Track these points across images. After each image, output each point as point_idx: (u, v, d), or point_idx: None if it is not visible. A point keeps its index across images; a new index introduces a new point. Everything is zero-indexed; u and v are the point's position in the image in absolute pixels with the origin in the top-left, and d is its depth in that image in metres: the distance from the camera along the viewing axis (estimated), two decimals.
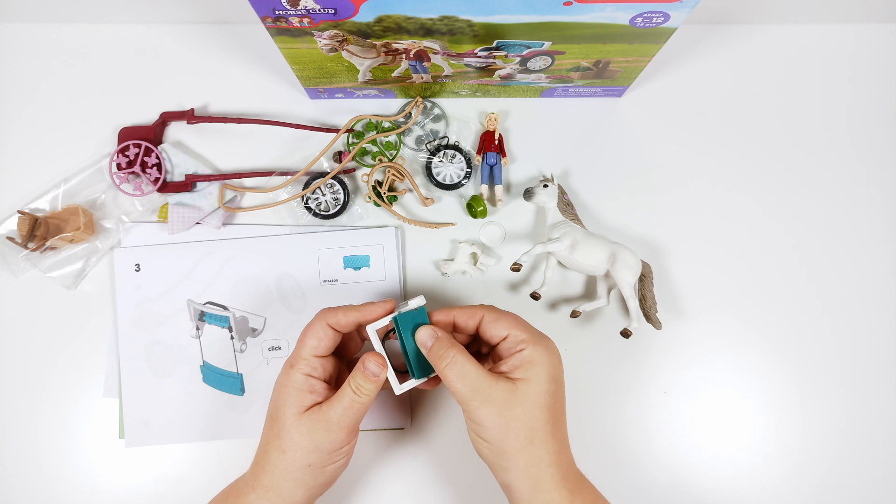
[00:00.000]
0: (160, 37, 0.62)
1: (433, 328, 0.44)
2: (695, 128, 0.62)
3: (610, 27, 0.46)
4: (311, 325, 0.45)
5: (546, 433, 0.42)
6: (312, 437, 0.43)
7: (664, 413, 0.57)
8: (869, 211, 0.60)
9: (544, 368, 0.42)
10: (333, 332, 0.45)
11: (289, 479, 0.43)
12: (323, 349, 0.45)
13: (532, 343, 0.43)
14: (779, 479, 0.56)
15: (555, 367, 0.43)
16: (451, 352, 0.42)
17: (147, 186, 0.57)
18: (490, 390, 0.41)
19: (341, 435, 0.43)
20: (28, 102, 0.61)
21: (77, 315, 0.57)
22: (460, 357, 0.42)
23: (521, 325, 0.44)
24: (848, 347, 0.58)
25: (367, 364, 0.44)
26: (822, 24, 0.64)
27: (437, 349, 0.43)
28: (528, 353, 0.42)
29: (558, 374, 0.44)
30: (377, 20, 0.45)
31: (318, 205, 0.58)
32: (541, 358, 0.42)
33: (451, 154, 0.59)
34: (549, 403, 0.42)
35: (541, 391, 0.42)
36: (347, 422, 0.43)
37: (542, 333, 0.45)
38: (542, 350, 0.43)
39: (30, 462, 0.55)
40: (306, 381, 0.44)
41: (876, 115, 0.62)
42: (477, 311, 0.45)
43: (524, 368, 0.42)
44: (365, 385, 0.43)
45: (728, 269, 0.59)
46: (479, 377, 0.41)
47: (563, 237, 0.54)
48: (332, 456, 0.44)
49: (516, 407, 0.41)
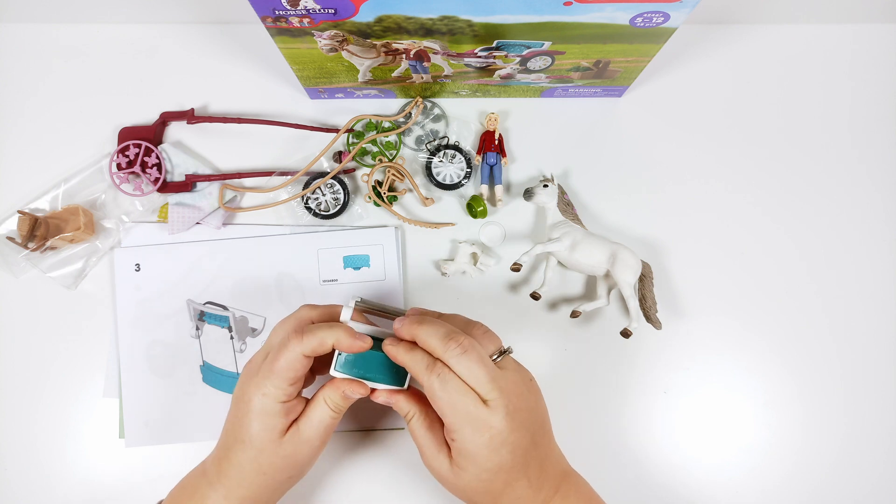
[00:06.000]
0: (160, 37, 0.62)
1: (388, 393, 0.44)
2: (695, 128, 0.62)
3: (610, 27, 0.46)
4: (285, 354, 0.41)
5: (504, 487, 0.40)
6: (295, 459, 0.44)
7: (664, 413, 0.57)
8: (869, 211, 0.60)
9: (476, 463, 0.40)
10: (308, 360, 0.42)
11: (268, 492, 0.44)
12: (298, 378, 0.43)
13: (461, 434, 0.39)
14: (779, 479, 0.56)
15: (494, 452, 0.39)
16: (410, 413, 0.43)
17: (147, 186, 0.57)
18: (433, 461, 0.42)
19: (319, 446, 0.45)
20: (28, 102, 0.61)
21: (77, 315, 0.57)
22: (415, 420, 0.43)
23: (455, 403, 0.39)
24: (848, 347, 0.58)
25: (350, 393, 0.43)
26: (822, 24, 0.64)
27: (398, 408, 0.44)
28: (458, 446, 0.40)
29: (509, 447, 0.40)
30: (377, 20, 0.45)
31: (318, 205, 0.58)
32: (474, 450, 0.39)
33: (451, 154, 0.59)
34: (485, 484, 0.40)
35: (474, 479, 0.40)
36: (325, 435, 0.44)
37: (496, 389, 0.40)
38: (477, 440, 0.39)
39: (30, 462, 0.55)
40: (281, 407, 0.42)
41: (876, 115, 0.62)
42: (419, 376, 0.41)
43: (460, 458, 0.40)
44: (342, 404, 0.44)
45: (728, 269, 0.59)
46: (426, 446, 0.43)
47: (563, 237, 0.54)
48: (309, 465, 0.46)
49: (461, 485, 0.41)
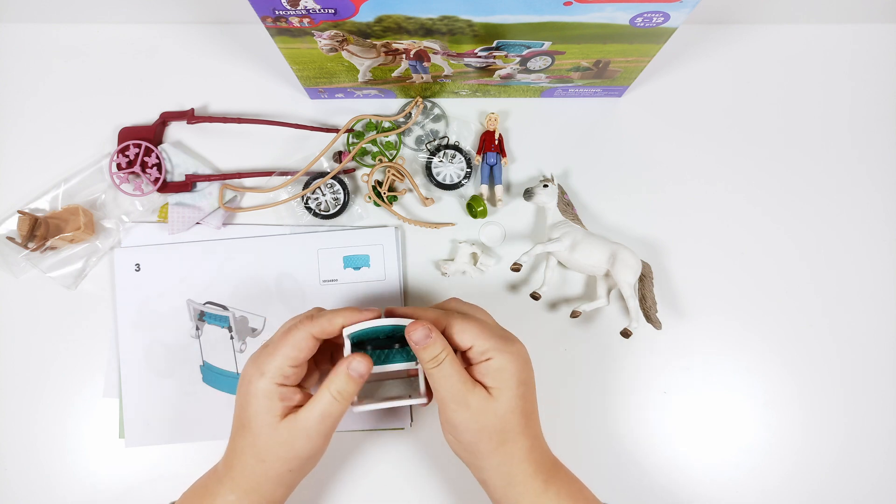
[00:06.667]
0: (160, 37, 0.62)
1: (428, 326, 0.43)
2: (695, 127, 0.62)
3: (610, 27, 0.46)
4: (292, 334, 0.43)
5: (517, 433, 0.43)
6: (292, 447, 0.43)
7: (664, 413, 0.57)
8: (869, 211, 0.60)
9: (513, 375, 0.43)
10: (315, 342, 0.44)
11: (270, 483, 0.44)
12: (301, 360, 0.43)
13: (498, 351, 0.43)
14: (779, 479, 0.56)
15: (522, 370, 0.44)
16: (444, 353, 0.43)
17: (147, 186, 0.57)
18: (468, 396, 0.42)
19: (320, 441, 0.43)
20: (28, 102, 0.61)
21: (77, 315, 0.57)
22: (449, 359, 0.43)
23: (485, 332, 0.44)
24: (848, 347, 0.58)
25: (354, 364, 0.42)
26: (822, 24, 0.64)
27: (432, 348, 0.43)
28: (496, 363, 0.43)
29: (526, 376, 0.45)
30: (377, 20, 0.45)
31: (318, 205, 0.58)
32: (508, 366, 0.43)
33: (451, 154, 0.59)
34: (520, 406, 0.43)
35: (512, 396, 0.43)
36: (326, 428, 0.43)
37: (507, 337, 0.45)
38: (509, 357, 0.43)
39: (30, 462, 0.55)
40: (277, 389, 0.43)
41: (876, 115, 0.62)
42: (443, 318, 0.45)
43: (493, 377, 0.43)
44: (347, 388, 0.42)
45: (728, 269, 0.59)
46: (461, 382, 0.42)
47: (563, 237, 0.54)
48: (313, 460, 0.45)
49: (490, 413, 0.43)
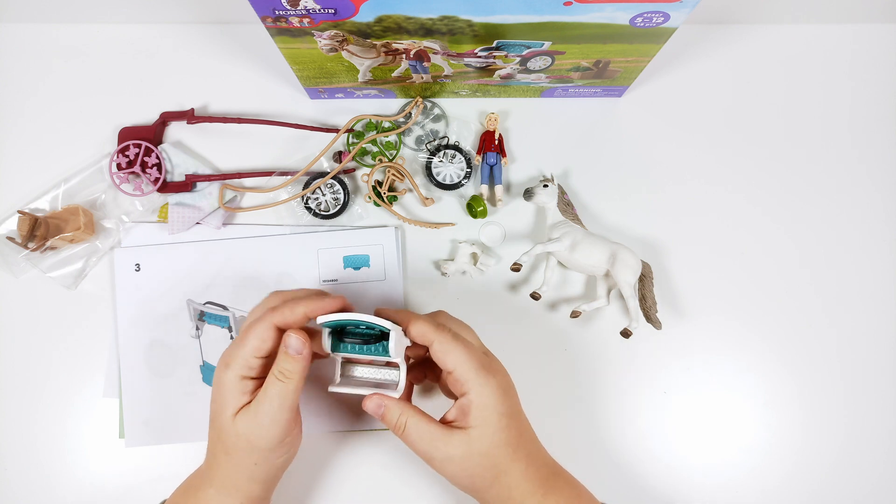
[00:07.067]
0: (160, 37, 0.62)
1: (378, 397, 0.43)
2: (695, 128, 0.62)
3: (610, 27, 0.46)
4: (256, 326, 0.42)
5: (509, 462, 0.43)
6: (249, 439, 0.42)
7: (664, 413, 0.57)
8: (869, 211, 0.60)
9: (494, 410, 0.42)
10: (278, 332, 0.43)
11: (242, 477, 0.44)
12: (265, 350, 0.43)
13: (477, 386, 0.42)
14: (779, 479, 0.56)
15: (502, 402, 0.43)
16: (404, 416, 0.43)
17: (147, 186, 0.57)
18: (447, 447, 0.42)
19: (275, 430, 0.42)
20: (28, 102, 0.61)
21: (77, 315, 0.57)
22: (413, 419, 0.43)
23: (468, 360, 0.42)
24: (848, 347, 0.58)
25: (289, 341, 0.42)
26: (822, 24, 0.64)
27: (389, 418, 0.43)
28: (475, 400, 0.42)
29: (508, 406, 0.43)
30: (377, 20, 0.45)
31: (318, 205, 0.58)
32: (487, 401, 0.42)
33: (451, 154, 0.59)
34: (504, 439, 0.42)
35: (494, 431, 0.42)
36: (278, 414, 0.42)
37: (488, 366, 0.43)
38: (488, 392, 0.42)
39: (30, 462, 0.55)
40: (240, 382, 0.42)
41: (876, 115, 0.62)
42: (429, 334, 0.43)
43: (473, 416, 0.42)
44: (289, 367, 0.42)
45: (728, 269, 0.59)
46: (434, 437, 0.42)
47: (563, 237, 0.54)
48: (275, 452, 0.44)
49: (475, 455, 0.42)
